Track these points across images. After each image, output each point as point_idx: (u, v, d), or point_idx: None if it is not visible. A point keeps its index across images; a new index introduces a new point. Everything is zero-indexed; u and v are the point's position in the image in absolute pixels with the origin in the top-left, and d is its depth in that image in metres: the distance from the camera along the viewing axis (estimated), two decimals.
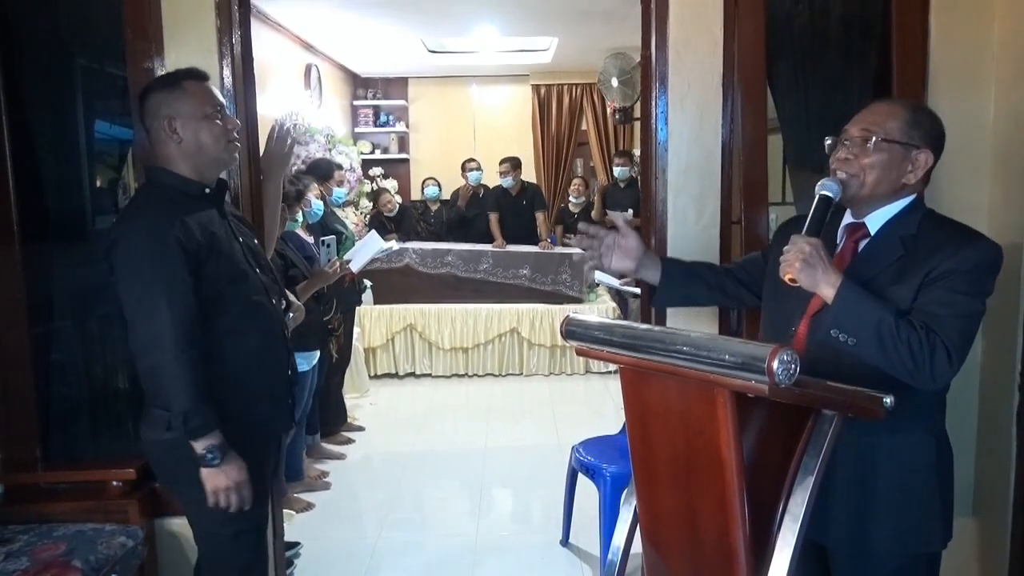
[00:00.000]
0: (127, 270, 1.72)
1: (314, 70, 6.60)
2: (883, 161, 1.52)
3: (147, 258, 1.71)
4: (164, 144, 1.81)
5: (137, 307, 1.70)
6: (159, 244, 1.71)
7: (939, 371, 1.41)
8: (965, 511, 2.32)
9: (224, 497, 1.76)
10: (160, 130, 1.80)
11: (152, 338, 1.69)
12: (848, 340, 1.44)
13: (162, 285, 1.69)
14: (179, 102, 1.80)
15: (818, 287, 1.46)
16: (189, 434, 1.70)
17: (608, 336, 1.43)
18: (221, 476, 1.75)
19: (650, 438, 1.48)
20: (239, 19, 2.35)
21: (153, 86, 1.86)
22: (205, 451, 1.72)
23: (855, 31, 2.31)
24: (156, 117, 1.80)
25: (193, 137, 1.81)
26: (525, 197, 6.38)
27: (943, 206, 2.20)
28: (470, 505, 3.72)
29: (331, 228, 4.07)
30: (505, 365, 5.89)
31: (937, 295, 1.45)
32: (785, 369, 1.15)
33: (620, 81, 7.22)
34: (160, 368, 1.69)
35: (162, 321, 1.68)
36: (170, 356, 1.68)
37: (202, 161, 1.84)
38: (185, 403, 1.69)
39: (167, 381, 1.69)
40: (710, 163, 2.41)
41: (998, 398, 2.23)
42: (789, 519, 1.33)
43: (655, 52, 2.39)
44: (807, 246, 1.46)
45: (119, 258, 1.73)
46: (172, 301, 1.69)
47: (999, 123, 2.22)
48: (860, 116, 1.58)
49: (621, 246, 1.78)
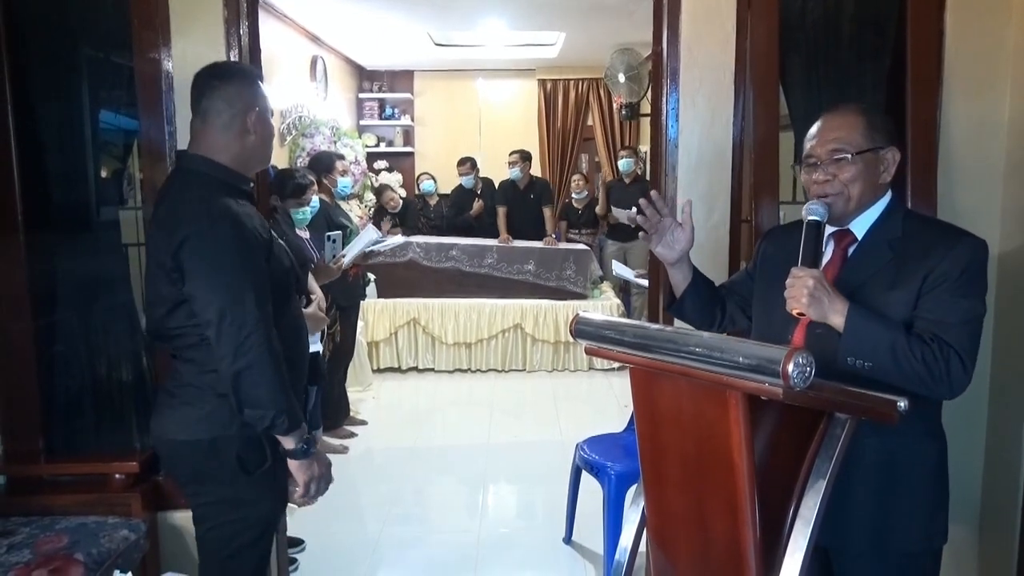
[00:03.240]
0: (209, 267, 1.62)
1: (320, 62, 6.58)
2: (861, 171, 1.54)
3: (231, 253, 1.62)
4: (225, 133, 1.72)
5: (227, 308, 1.60)
6: (241, 237, 1.64)
7: (956, 381, 1.43)
8: (971, 519, 2.31)
9: (316, 486, 1.76)
10: (237, 118, 1.72)
11: (246, 338, 1.60)
12: (864, 365, 1.44)
13: (250, 282, 1.62)
14: (260, 97, 1.76)
15: (827, 318, 1.47)
16: (288, 430, 1.67)
17: (619, 336, 1.42)
18: (314, 466, 1.75)
19: (660, 439, 1.46)
20: (246, 10, 2.34)
21: (234, 75, 1.77)
22: (301, 443, 1.70)
23: (869, 29, 2.28)
24: (234, 105, 1.71)
25: (263, 133, 1.77)
26: (533, 191, 6.36)
27: (954, 209, 2.20)
28: (472, 501, 3.72)
29: (336, 222, 4.05)
30: (508, 361, 5.88)
31: (941, 302, 1.46)
32: (800, 372, 1.13)
33: (627, 77, 7.19)
34: (256, 368, 1.61)
35: (255, 319, 1.61)
36: (266, 355, 1.61)
37: (255, 157, 1.79)
38: (284, 401, 1.64)
39: (263, 381, 1.62)
40: (721, 160, 2.39)
41: (1007, 406, 2.21)
42: (801, 523, 1.31)
43: (666, 48, 2.37)
44: (810, 280, 1.46)
45: (197, 255, 1.62)
46: (260, 298, 1.63)
47: (1014, 124, 2.20)
48: (820, 136, 1.58)
49: (675, 234, 1.73)
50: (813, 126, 1.61)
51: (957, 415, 1.63)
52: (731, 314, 1.84)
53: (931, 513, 1.57)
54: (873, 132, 1.55)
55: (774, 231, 1.87)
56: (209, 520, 1.82)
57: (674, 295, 1.82)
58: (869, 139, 1.54)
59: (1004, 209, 2.22)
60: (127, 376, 2.40)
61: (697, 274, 1.79)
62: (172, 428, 1.76)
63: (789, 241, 1.65)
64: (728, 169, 2.39)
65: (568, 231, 6.78)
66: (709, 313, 1.82)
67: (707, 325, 1.83)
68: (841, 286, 1.50)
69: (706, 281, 1.82)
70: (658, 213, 1.71)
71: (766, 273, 1.73)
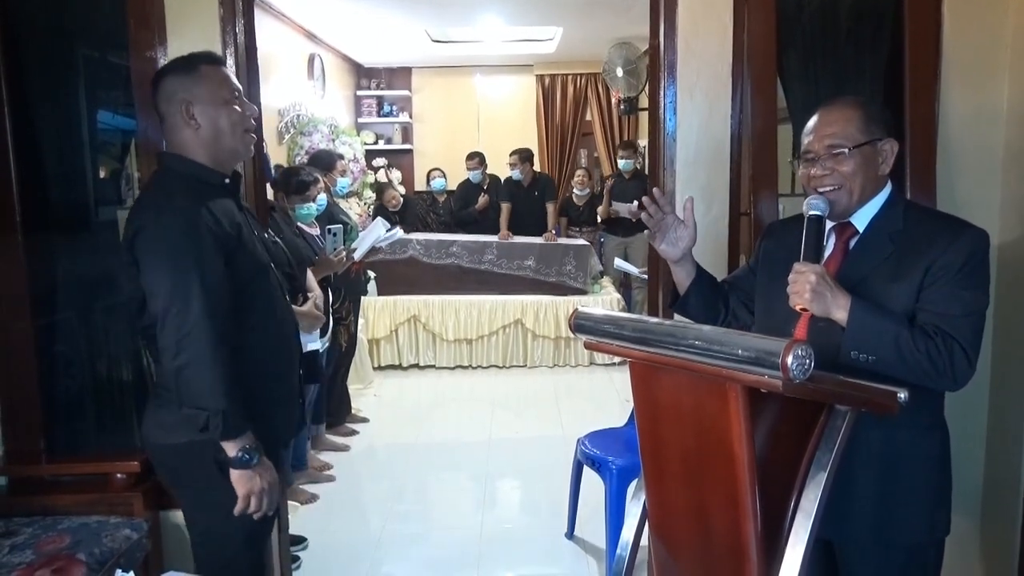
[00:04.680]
0: (156, 260, 1.60)
1: (317, 60, 6.57)
2: (860, 165, 1.54)
3: (179, 246, 1.59)
4: (180, 130, 1.71)
5: (170, 300, 1.58)
6: (191, 231, 1.61)
7: (960, 373, 1.43)
8: (973, 512, 2.31)
9: (256, 501, 1.68)
10: (176, 115, 1.70)
11: (187, 333, 1.57)
12: (868, 359, 1.44)
13: (196, 276, 1.58)
14: (197, 86, 1.70)
15: (830, 312, 1.46)
16: (224, 435, 1.61)
17: (618, 330, 1.41)
18: (256, 479, 1.67)
19: (660, 433, 1.46)
20: (242, 8, 2.33)
21: (169, 69, 1.76)
22: (240, 452, 1.63)
23: (867, 20, 2.28)
24: (172, 101, 1.70)
25: (211, 123, 1.71)
26: (537, 188, 6.37)
27: (953, 200, 2.20)
28: (474, 497, 3.72)
29: (336, 219, 4.05)
30: (509, 357, 5.88)
31: (944, 294, 1.45)
32: (800, 364, 1.13)
33: (625, 71, 7.19)
34: (195, 364, 1.57)
35: (198, 314, 1.57)
36: (207, 352, 1.57)
37: (219, 149, 1.74)
38: (222, 402, 1.59)
39: (202, 379, 1.58)
40: (719, 154, 2.38)
41: (1008, 396, 2.21)
42: (801, 515, 1.31)
43: (664, 41, 2.36)
44: (813, 275, 1.45)
45: (146, 247, 1.61)
46: (207, 293, 1.59)
47: (1012, 114, 2.19)
48: (816, 131, 1.57)
49: (678, 232, 1.72)
50: (809, 121, 1.60)
51: (958, 405, 1.63)
52: (734, 310, 1.83)
53: (935, 505, 1.57)
54: (870, 124, 1.54)
55: (774, 226, 1.87)
56: (198, 523, 1.81)
57: (677, 293, 1.81)
58: (866, 132, 1.54)
59: (1003, 199, 2.22)
60: (127, 376, 2.40)
61: (700, 271, 1.79)
62: (154, 432, 1.75)
63: (789, 236, 1.65)
64: (727, 162, 2.38)
65: (568, 227, 6.77)
66: (713, 309, 1.81)
67: (711, 322, 1.82)
68: (843, 279, 1.50)
69: (709, 278, 1.81)
70: (661, 210, 1.70)
71: (767, 268, 1.73)
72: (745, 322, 1.82)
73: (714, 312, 1.82)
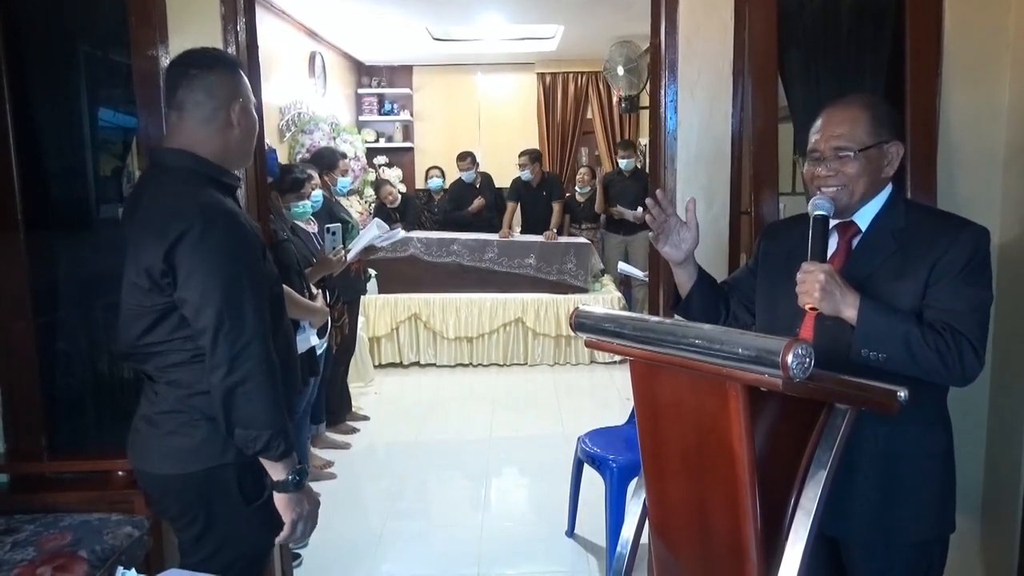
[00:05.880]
0: (206, 269, 1.46)
1: (318, 58, 6.56)
2: (865, 167, 1.54)
3: (229, 253, 1.47)
4: (211, 127, 1.58)
5: (225, 313, 1.45)
6: (240, 237, 1.50)
7: (969, 368, 1.44)
8: (973, 511, 2.31)
9: (303, 526, 1.59)
10: (220, 111, 1.57)
11: (243, 348, 1.45)
12: (879, 357, 1.44)
13: (248, 286, 1.48)
14: (244, 87, 1.62)
15: (839, 311, 1.46)
16: (284, 454, 1.51)
17: (619, 328, 1.41)
18: (303, 502, 1.58)
19: (660, 431, 1.46)
20: (244, 6, 2.33)
21: (215, 63, 1.61)
22: (292, 475, 1.54)
23: (868, 18, 2.27)
24: (216, 97, 1.57)
25: (247, 126, 1.63)
26: (545, 188, 6.39)
27: (954, 197, 2.20)
28: (475, 495, 3.72)
29: (337, 217, 4.05)
30: (510, 355, 5.88)
31: (949, 291, 1.46)
32: (800, 363, 1.13)
33: (626, 69, 7.18)
34: (253, 381, 1.46)
35: (253, 328, 1.46)
36: (264, 367, 1.47)
37: (238, 152, 1.64)
38: (277, 421, 1.49)
39: (261, 396, 1.47)
40: (720, 152, 2.38)
41: (1008, 397, 2.21)
42: (801, 513, 1.31)
43: (664, 39, 2.36)
44: (822, 274, 1.45)
45: (192, 255, 1.46)
46: (259, 305, 1.48)
47: (1014, 112, 2.19)
48: (824, 131, 1.57)
49: (681, 234, 1.71)
50: (817, 119, 1.59)
51: (958, 404, 1.63)
52: (734, 311, 1.83)
53: (940, 502, 1.57)
54: (878, 127, 1.54)
55: (773, 227, 1.87)
56: (199, 553, 1.65)
57: (679, 294, 1.81)
58: (873, 135, 1.53)
59: (1004, 197, 2.22)
60: (128, 373, 2.40)
61: (702, 273, 1.78)
62: (159, 462, 1.61)
63: (789, 236, 1.65)
64: (727, 161, 2.38)
65: (570, 225, 6.77)
66: (714, 311, 1.81)
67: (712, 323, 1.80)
68: (847, 278, 1.50)
69: (710, 279, 1.81)
70: (664, 212, 1.70)
71: (768, 269, 1.73)
72: (745, 323, 1.82)
73: (715, 314, 1.82)
